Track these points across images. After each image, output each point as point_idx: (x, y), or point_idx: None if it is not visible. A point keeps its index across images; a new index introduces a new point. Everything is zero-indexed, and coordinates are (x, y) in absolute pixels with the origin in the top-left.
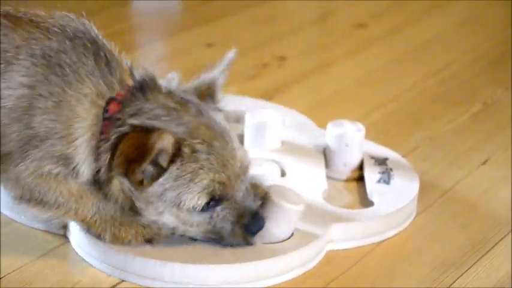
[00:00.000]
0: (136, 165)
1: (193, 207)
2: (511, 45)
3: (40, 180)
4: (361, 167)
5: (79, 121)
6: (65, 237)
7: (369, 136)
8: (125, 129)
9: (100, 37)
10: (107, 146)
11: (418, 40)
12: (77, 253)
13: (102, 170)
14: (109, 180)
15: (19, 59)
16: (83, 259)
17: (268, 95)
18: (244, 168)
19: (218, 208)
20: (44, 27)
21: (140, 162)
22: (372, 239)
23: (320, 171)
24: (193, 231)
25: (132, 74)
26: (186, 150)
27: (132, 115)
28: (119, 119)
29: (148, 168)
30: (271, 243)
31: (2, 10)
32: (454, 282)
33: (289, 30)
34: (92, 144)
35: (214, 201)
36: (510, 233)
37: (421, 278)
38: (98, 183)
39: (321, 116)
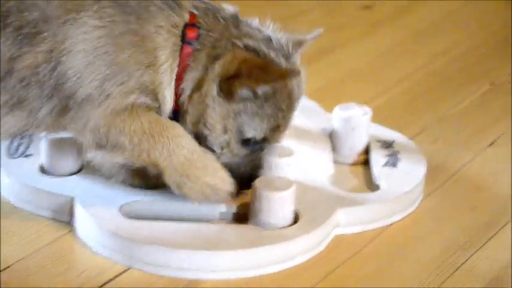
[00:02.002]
0: (246, 81)
1: (249, 138)
2: None
3: (117, 117)
4: (367, 151)
5: (161, 49)
6: (70, 225)
7: (376, 118)
8: (239, 44)
9: None
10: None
11: (425, 21)
12: (82, 241)
13: (186, 86)
14: (199, 87)
15: (85, 5)
16: (89, 247)
17: None
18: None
19: (257, 147)
20: None
21: (255, 82)
22: (379, 222)
23: (327, 155)
24: (227, 158)
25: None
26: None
27: (237, 37)
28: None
29: (246, 89)
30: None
31: None
32: (463, 263)
33: (296, 12)
34: (174, 68)
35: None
36: None
37: (430, 260)
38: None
39: (328, 99)
